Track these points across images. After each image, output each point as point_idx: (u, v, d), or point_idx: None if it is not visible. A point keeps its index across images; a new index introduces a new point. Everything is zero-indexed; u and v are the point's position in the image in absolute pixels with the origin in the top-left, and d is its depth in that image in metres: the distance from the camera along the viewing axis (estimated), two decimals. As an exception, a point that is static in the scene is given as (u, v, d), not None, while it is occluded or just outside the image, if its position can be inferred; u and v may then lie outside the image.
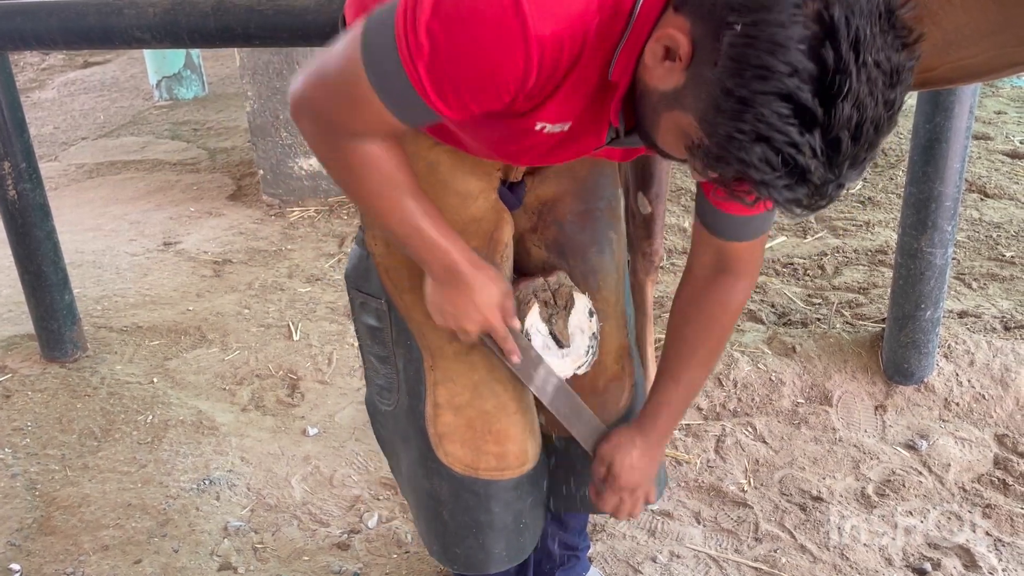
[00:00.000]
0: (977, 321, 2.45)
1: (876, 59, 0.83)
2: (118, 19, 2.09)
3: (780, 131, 0.84)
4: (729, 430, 2.22)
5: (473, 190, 1.26)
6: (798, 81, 0.82)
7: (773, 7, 0.83)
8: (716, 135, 0.89)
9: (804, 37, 0.82)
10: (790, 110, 0.83)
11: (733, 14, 0.86)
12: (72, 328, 2.60)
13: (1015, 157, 3.58)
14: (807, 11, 0.83)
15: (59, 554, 1.95)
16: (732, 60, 0.85)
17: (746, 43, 0.84)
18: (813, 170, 0.86)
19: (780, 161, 0.85)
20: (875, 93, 0.84)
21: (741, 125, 0.86)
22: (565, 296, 1.34)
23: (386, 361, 1.38)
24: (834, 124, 0.84)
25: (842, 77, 0.82)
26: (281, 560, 1.92)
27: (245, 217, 3.68)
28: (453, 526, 1.39)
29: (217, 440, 2.29)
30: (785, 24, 0.83)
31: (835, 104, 0.83)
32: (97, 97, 5.76)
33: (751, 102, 0.84)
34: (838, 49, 0.82)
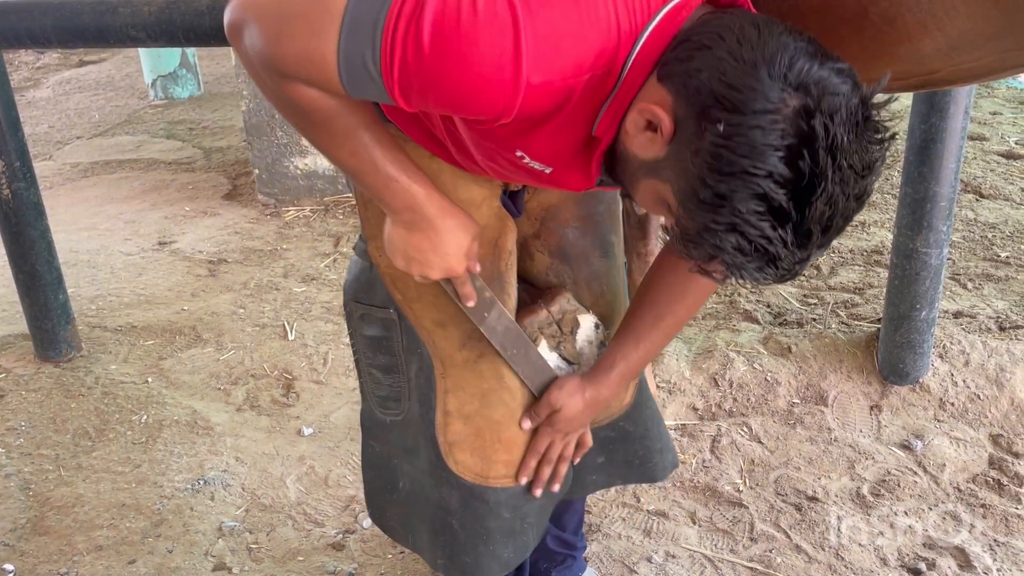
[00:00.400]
0: (972, 321, 2.45)
1: (851, 162, 0.88)
2: (113, 18, 2.08)
3: (754, 226, 0.88)
4: (725, 430, 2.22)
5: (476, 197, 1.26)
6: (773, 184, 0.86)
7: (754, 110, 0.86)
8: (693, 220, 0.92)
9: (782, 145, 0.86)
10: (764, 208, 0.87)
11: (716, 108, 0.88)
12: (66, 328, 2.60)
13: (1010, 158, 3.59)
14: (787, 115, 0.86)
15: (53, 554, 1.94)
16: (711, 156, 0.89)
17: (725, 144, 0.88)
18: (783, 257, 0.90)
19: (752, 249, 0.90)
20: (847, 191, 0.89)
21: (716, 216, 0.90)
22: (570, 323, 1.35)
23: (392, 371, 1.37)
24: (806, 220, 0.88)
25: (818, 181, 0.87)
26: (276, 560, 1.92)
27: (240, 217, 3.67)
28: (463, 535, 1.38)
29: (212, 440, 2.29)
30: (765, 129, 0.86)
31: (809, 204, 0.87)
32: (92, 96, 5.75)
33: (727, 198, 0.88)
34: (815, 156, 0.86)
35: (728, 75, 0.88)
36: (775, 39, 0.89)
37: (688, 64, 0.92)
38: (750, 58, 0.88)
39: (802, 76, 0.87)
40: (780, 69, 0.87)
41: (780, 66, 0.87)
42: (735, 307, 2.66)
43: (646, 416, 1.49)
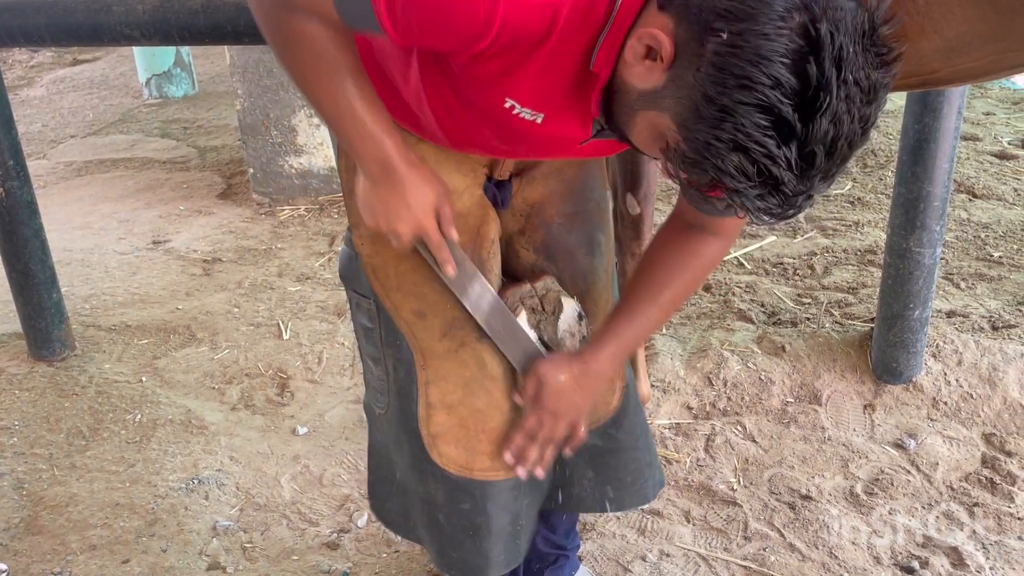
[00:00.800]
0: (965, 321, 2.46)
1: (856, 77, 0.84)
2: (107, 16, 2.08)
3: (758, 142, 0.85)
4: (719, 429, 2.23)
5: (458, 186, 1.26)
6: (779, 94, 0.83)
7: (760, 18, 0.84)
8: (693, 140, 0.89)
9: (788, 51, 0.83)
10: (770, 122, 0.84)
11: (719, 20, 0.86)
12: (60, 327, 2.59)
13: (1003, 158, 3.60)
14: (793, 24, 0.83)
15: (46, 554, 1.94)
16: (715, 68, 0.86)
17: (730, 52, 0.85)
18: (786, 181, 0.87)
19: (755, 171, 0.86)
20: (852, 110, 0.86)
21: (720, 133, 0.86)
22: (553, 301, 1.33)
23: (378, 362, 1.37)
24: (811, 138, 0.85)
25: (823, 93, 0.83)
26: (270, 560, 1.92)
27: (235, 216, 3.66)
28: (449, 530, 1.37)
29: (206, 439, 2.29)
30: (771, 36, 0.83)
31: (814, 119, 0.84)
32: (86, 95, 5.73)
33: (731, 111, 0.85)
34: (821, 65, 0.83)
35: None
36: None
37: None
38: None
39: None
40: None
41: None
42: (729, 306, 2.66)
43: (635, 424, 1.48)
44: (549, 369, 1.27)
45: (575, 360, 1.28)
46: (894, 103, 4.11)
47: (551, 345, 1.32)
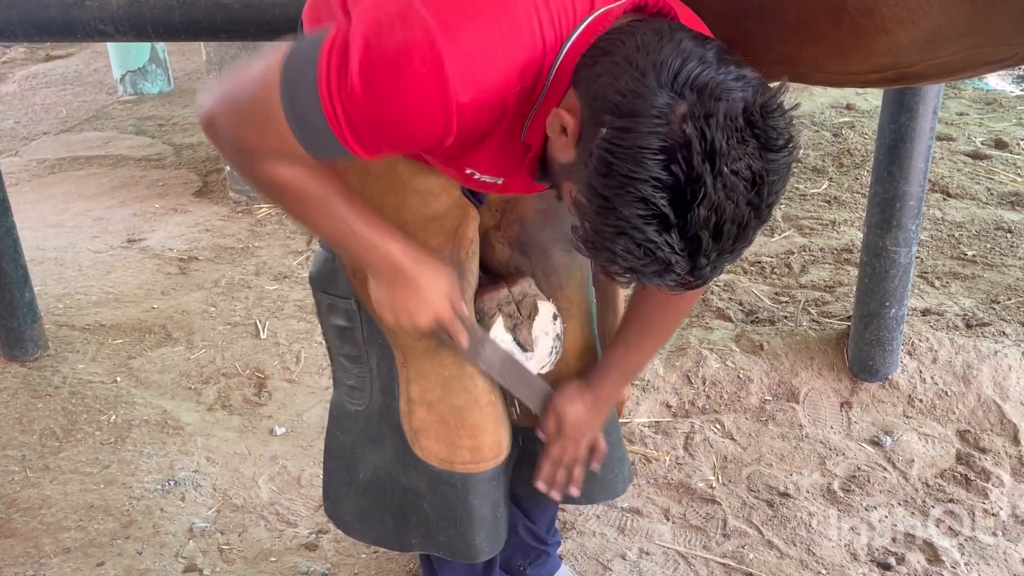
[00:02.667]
0: (940, 319, 2.49)
1: (734, 168, 0.88)
2: (80, 11, 2.05)
3: (638, 229, 0.89)
4: (698, 427, 2.24)
5: (434, 188, 1.27)
6: (651, 188, 0.87)
7: (638, 116, 0.88)
8: (587, 223, 0.94)
9: (660, 148, 0.87)
10: (647, 212, 0.88)
11: (606, 113, 0.91)
12: (33, 326, 2.55)
13: (977, 158, 3.65)
14: (670, 120, 0.87)
15: (19, 557, 1.91)
16: (598, 161, 0.91)
17: (609, 148, 0.89)
18: (675, 263, 0.91)
19: (642, 253, 0.91)
20: (735, 198, 0.89)
21: (605, 220, 0.91)
22: (529, 306, 1.36)
23: (358, 360, 1.39)
24: (690, 225, 0.89)
25: (695, 186, 0.87)
26: (248, 561, 1.90)
27: (212, 214, 3.63)
28: (434, 516, 1.41)
29: (182, 440, 2.26)
30: (645, 135, 0.88)
31: (690, 209, 0.88)
32: (59, 91, 5.66)
33: (612, 201, 0.90)
34: (690, 161, 0.86)
35: (620, 81, 0.91)
36: (673, 45, 0.91)
37: (592, 69, 0.95)
38: (641, 64, 0.90)
39: (689, 81, 0.89)
40: (668, 75, 0.89)
41: (669, 71, 0.89)
42: (708, 305, 2.67)
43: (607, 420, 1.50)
44: (564, 404, 1.39)
45: (586, 390, 1.39)
46: (870, 103, 4.16)
47: (525, 345, 1.36)
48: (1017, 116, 4.12)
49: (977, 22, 0.98)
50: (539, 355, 1.37)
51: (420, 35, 0.91)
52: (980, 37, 1.00)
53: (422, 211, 1.26)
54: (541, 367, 1.38)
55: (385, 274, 1.19)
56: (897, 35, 1.03)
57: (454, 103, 0.93)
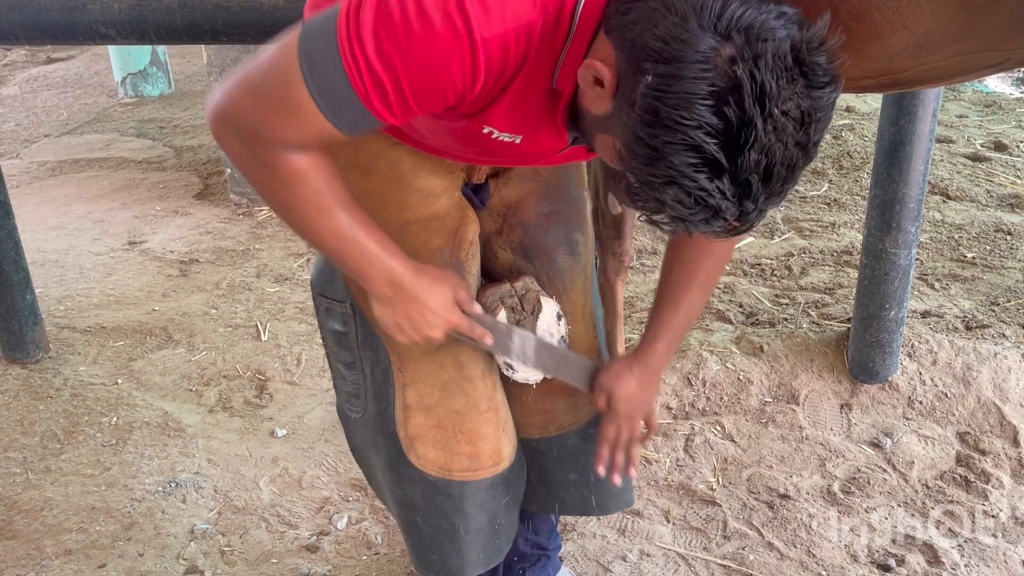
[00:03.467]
0: (940, 321, 2.49)
1: (784, 108, 0.86)
2: (82, 14, 2.05)
3: (689, 177, 0.87)
4: (698, 429, 2.24)
5: (436, 188, 1.26)
6: (703, 135, 0.85)
7: (683, 61, 0.86)
8: (634, 174, 0.92)
9: (710, 93, 0.85)
10: (698, 159, 0.86)
11: (648, 61, 0.88)
12: (34, 328, 2.56)
13: (976, 160, 3.65)
14: (716, 64, 0.85)
15: (20, 559, 1.91)
16: (644, 110, 0.88)
17: (656, 95, 0.87)
18: (725, 208, 0.89)
19: (692, 201, 0.89)
20: (784, 139, 0.87)
21: (654, 170, 0.89)
22: (532, 301, 1.34)
23: (353, 367, 1.37)
24: (741, 170, 0.87)
25: (747, 130, 0.85)
26: (249, 563, 1.90)
27: (212, 216, 3.63)
28: (428, 531, 1.38)
29: (183, 442, 2.27)
30: (692, 80, 0.85)
31: (742, 153, 0.86)
32: (60, 94, 5.66)
33: (661, 151, 0.88)
34: (741, 105, 0.85)
35: (659, 27, 0.88)
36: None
37: (626, 16, 0.92)
38: (681, 8, 0.87)
39: (732, 22, 0.86)
40: (711, 18, 0.86)
41: (711, 14, 0.86)
42: (708, 307, 2.68)
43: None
44: (614, 380, 1.33)
45: (634, 362, 1.34)
46: (870, 105, 4.16)
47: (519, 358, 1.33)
48: (1017, 118, 4.13)
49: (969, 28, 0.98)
50: None
51: None
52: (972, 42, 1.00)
53: (423, 211, 1.26)
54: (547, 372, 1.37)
55: (385, 291, 1.16)
56: (889, 40, 1.03)
57: (480, 38, 0.90)
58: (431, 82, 0.94)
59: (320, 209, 1.07)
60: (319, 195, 1.06)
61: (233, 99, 1.01)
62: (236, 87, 1.00)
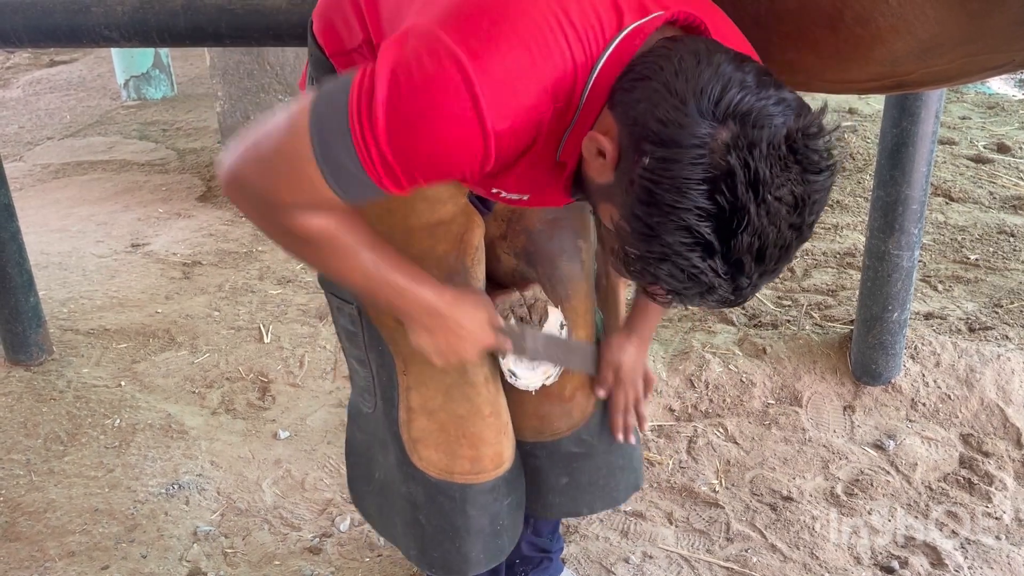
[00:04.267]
0: (943, 323, 2.49)
1: (778, 195, 0.88)
2: (85, 17, 2.06)
3: (683, 256, 0.90)
4: (701, 431, 2.24)
5: (442, 194, 1.27)
6: (695, 218, 0.88)
7: (679, 146, 0.88)
8: (630, 247, 0.94)
9: (704, 179, 0.87)
10: (691, 240, 0.89)
11: (647, 141, 0.91)
12: (37, 331, 2.56)
13: (979, 162, 3.65)
14: (713, 148, 0.87)
15: (24, 560, 1.91)
16: (641, 190, 0.91)
17: (653, 179, 0.89)
18: (718, 286, 0.92)
19: (686, 277, 0.91)
20: (777, 222, 0.89)
21: (649, 247, 0.92)
22: (540, 311, 1.36)
23: (363, 363, 1.39)
24: (734, 251, 0.89)
25: (740, 214, 0.87)
26: (252, 565, 1.90)
27: (215, 218, 3.64)
28: (430, 530, 1.39)
29: (186, 444, 2.27)
30: (688, 165, 0.87)
31: (735, 236, 0.88)
32: (63, 96, 5.67)
33: (656, 230, 0.90)
34: (734, 191, 0.87)
35: (659, 109, 0.90)
36: (712, 69, 0.91)
37: (630, 94, 0.94)
38: (681, 91, 0.90)
39: (731, 108, 0.88)
40: (709, 103, 0.89)
41: (710, 99, 0.89)
42: (710, 309, 2.68)
43: (608, 429, 1.50)
44: (618, 353, 1.43)
45: (631, 333, 1.45)
46: (872, 107, 4.16)
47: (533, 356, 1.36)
48: (1020, 120, 4.13)
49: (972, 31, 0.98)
50: (546, 364, 1.37)
51: (451, 68, 0.90)
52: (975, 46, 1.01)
53: (429, 217, 1.26)
54: (547, 377, 1.37)
55: (422, 320, 1.18)
56: (893, 44, 1.03)
57: (492, 131, 0.92)
58: (442, 167, 0.97)
59: (343, 257, 1.09)
60: (338, 248, 1.08)
61: (244, 168, 1.02)
62: (246, 156, 1.01)
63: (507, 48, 0.92)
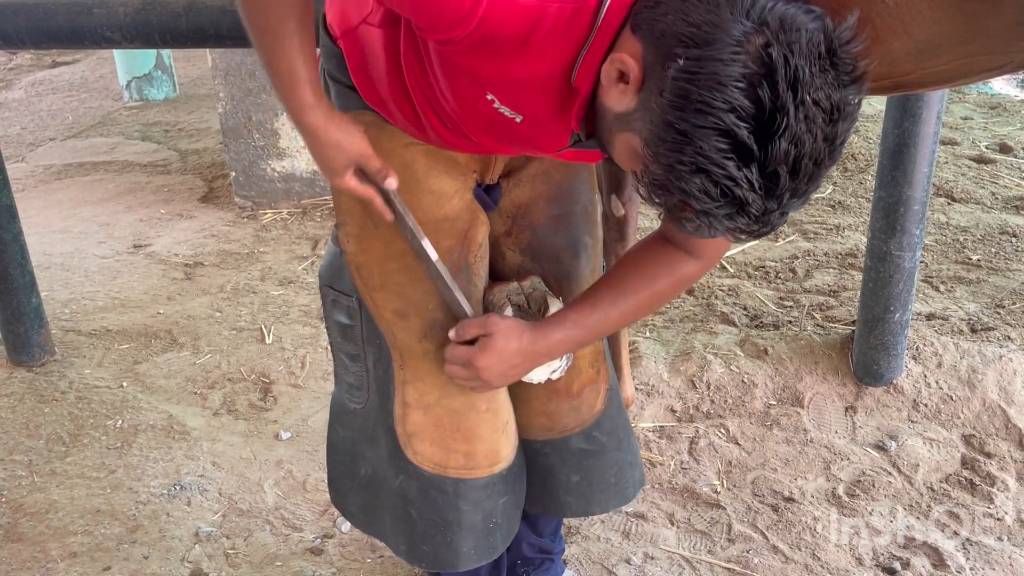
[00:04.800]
0: (945, 323, 2.49)
1: (815, 98, 0.86)
2: (88, 18, 2.06)
3: (718, 165, 0.86)
4: (702, 432, 2.24)
5: (447, 189, 1.27)
6: (735, 118, 0.85)
7: (716, 44, 0.86)
8: (659, 163, 0.91)
9: (743, 75, 0.85)
10: (728, 145, 0.86)
11: (679, 46, 0.88)
12: (39, 332, 2.56)
13: (981, 162, 3.64)
14: (749, 49, 0.85)
15: (26, 561, 1.92)
16: (674, 94, 0.88)
17: (688, 78, 0.87)
18: (751, 202, 0.88)
19: (719, 192, 0.88)
20: (814, 130, 0.87)
21: (681, 157, 0.88)
22: (539, 301, 1.34)
23: (357, 359, 1.38)
24: (771, 160, 0.86)
25: (779, 115, 0.85)
26: (253, 566, 1.91)
27: (217, 219, 3.64)
28: (421, 524, 1.38)
29: (188, 445, 2.27)
30: (726, 62, 0.85)
31: (772, 141, 0.85)
32: (65, 97, 5.68)
33: (691, 135, 0.87)
34: (775, 88, 0.84)
35: (691, 14, 0.88)
36: None
37: (655, 10, 0.92)
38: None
39: (765, 12, 0.87)
40: (743, 6, 0.87)
41: (742, 3, 0.87)
42: (712, 310, 2.68)
43: (618, 426, 1.49)
44: (503, 330, 1.21)
45: (527, 333, 1.22)
46: (874, 107, 4.15)
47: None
48: (1022, 121, 4.12)
49: (970, 32, 0.98)
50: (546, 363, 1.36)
51: None
52: (974, 46, 1.01)
53: (435, 212, 1.26)
54: (552, 371, 1.36)
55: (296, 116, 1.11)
56: (890, 45, 1.03)
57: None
58: None
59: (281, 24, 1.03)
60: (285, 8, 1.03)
61: None
62: None
63: None
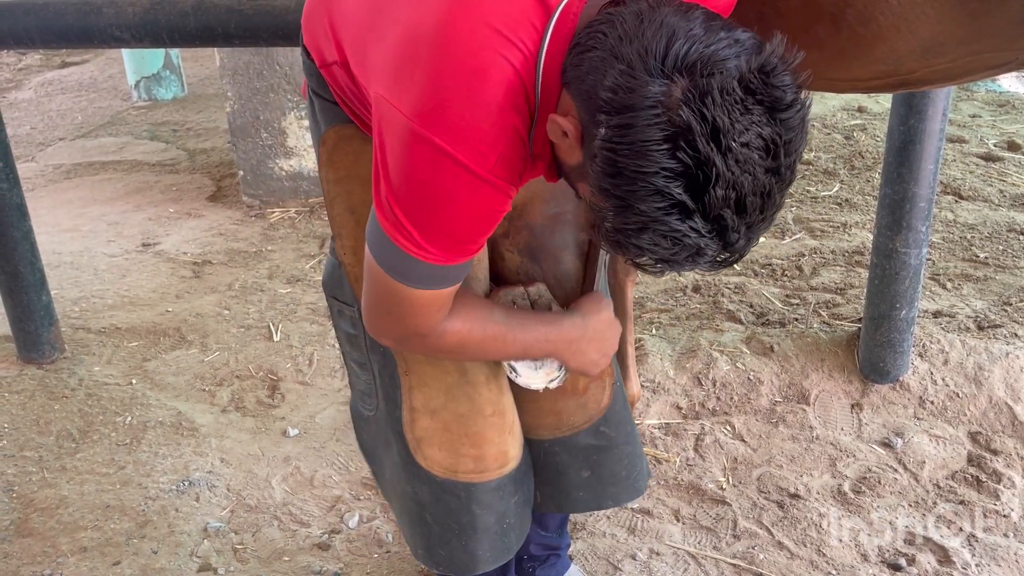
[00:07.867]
0: (951, 321, 2.49)
1: (744, 140, 0.85)
2: (97, 18, 2.08)
3: (660, 222, 0.88)
4: (708, 429, 2.24)
5: None
6: (664, 180, 0.86)
7: (633, 109, 0.86)
8: (608, 222, 0.93)
9: (664, 138, 0.85)
10: (665, 203, 0.87)
11: (600, 112, 0.89)
12: (49, 329, 2.58)
13: (989, 160, 3.63)
14: (666, 109, 0.85)
15: (36, 556, 1.93)
16: (603, 163, 0.89)
17: (612, 148, 0.88)
18: (704, 246, 0.89)
19: (670, 243, 0.89)
20: (751, 169, 0.86)
21: (625, 218, 0.90)
22: (543, 307, 1.35)
23: (364, 367, 1.39)
24: (711, 208, 0.87)
25: (706, 168, 0.85)
26: (261, 561, 1.92)
27: (225, 218, 3.66)
28: (437, 529, 1.39)
29: (196, 441, 2.29)
30: (645, 127, 0.85)
31: (707, 192, 0.86)
32: (75, 97, 5.71)
33: (628, 200, 0.88)
34: (694, 146, 0.84)
35: (608, 77, 0.89)
36: (655, 26, 0.88)
37: (579, 69, 0.93)
38: (627, 55, 0.88)
39: (679, 61, 0.86)
40: (656, 60, 0.86)
41: (656, 57, 0.86)
42: (718, 307, 2.68)
43: (624, 419, 1.50)
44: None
45: None
46: (882, 105, 4.15)
47: None
48: (1030, 118, 4.11)
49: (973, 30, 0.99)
50: (549, 366, 1.36)
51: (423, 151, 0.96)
52: (978, 44, 1.01)
53: None
54: (550, 380, 1.36)
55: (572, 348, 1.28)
56: (895, 43, 1.04)
57: (487, 173, 0.96)
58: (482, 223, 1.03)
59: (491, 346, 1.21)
60: (483, 340, 1.19)
61: (377, 323, 1.16)
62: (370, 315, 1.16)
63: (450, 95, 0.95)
